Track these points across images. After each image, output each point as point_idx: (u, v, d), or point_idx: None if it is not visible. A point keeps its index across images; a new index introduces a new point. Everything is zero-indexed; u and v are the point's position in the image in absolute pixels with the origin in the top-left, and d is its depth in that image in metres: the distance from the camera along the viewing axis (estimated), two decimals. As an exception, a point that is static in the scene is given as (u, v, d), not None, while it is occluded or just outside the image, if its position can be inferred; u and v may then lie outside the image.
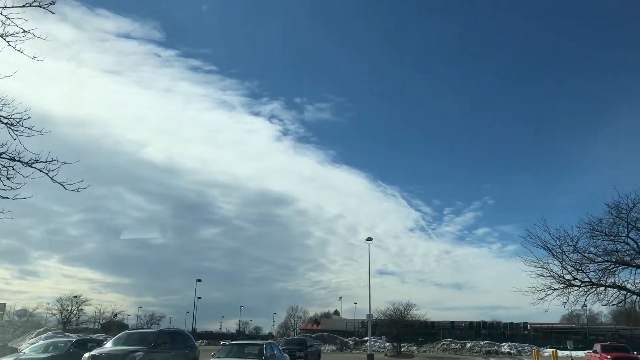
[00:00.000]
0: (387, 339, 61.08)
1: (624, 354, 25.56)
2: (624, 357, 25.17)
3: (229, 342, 16.57)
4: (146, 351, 14.27)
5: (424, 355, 56.79)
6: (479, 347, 63.01)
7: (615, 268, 18.27)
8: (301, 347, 28.84)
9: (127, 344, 15.24)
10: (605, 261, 18.41)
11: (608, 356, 25.18)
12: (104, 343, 16.78)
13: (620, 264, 18.16)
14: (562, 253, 18.74)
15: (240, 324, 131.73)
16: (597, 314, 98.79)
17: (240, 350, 15.16)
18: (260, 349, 14.81)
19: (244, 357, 14.43)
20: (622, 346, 28.48)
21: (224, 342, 25.21)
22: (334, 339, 66.14)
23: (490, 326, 78.91)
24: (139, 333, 16.05)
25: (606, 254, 18.44)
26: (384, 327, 58.93)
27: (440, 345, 65.69)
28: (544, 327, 78.42)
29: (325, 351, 62.90)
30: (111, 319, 74.36)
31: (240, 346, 15.58)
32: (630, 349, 28.34)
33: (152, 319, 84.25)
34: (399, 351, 55.84)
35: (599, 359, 26.01)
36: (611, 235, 18.21)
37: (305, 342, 29.88)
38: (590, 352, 29.12)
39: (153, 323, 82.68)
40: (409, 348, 64.67)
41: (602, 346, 26.95)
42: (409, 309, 54.77)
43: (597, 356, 26.41)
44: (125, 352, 14.04)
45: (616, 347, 27.32)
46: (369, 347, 44.13)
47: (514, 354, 60.21)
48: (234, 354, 14.77)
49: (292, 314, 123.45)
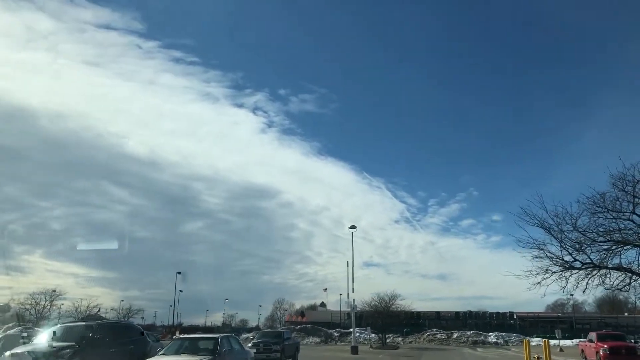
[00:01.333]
0: (373, 330, 59.09)
1: (620, 343, 23.72)
2: (621, 346, 23.32)
3: (179, 336, 14.08)
4: (77, 348, 11.87)
5: (410, 346, 54.87)
6: (465, 337, 61.26)
7: (619, 248, 16.22)
8: (277, 340, 26.56)
9: (61, 339, 12.81)
10: (607, 241, 16.33)
11: (604, 345, 23.29)
12: (34, 339, 14.27)
13: (625, 243, 16.10)
14: (561, 232, 16.68)
15: (226, 317, 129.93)
16: (582, 302, 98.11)
17: (191, 345, 12.78)
18: (215, 343, 12.47)
19: (194, 353, 12.06)
20: (619, 334, 26.65)
21: (176, 336, 23.01)
22: (318, 331, 63.99)
23: (476, 316, 77.35)
24: (72, 327, 13.60)
25: (608, 233, 16.37)
26: (369, 318, 56.91)
27: (426, 335, 63.85)
28: (530, 317, 77.15)
29: (309, 344, 60.74)
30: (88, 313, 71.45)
31: (192, 341, 13.16)
32: (627, 337, 26.51)
33: (129, 312, 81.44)
34: (384, 342, 53.82)
35: (595, 349, 24.10)
36: (614, 211, 16.14)
37: (281, 335, 27.57)
38: (585, 341, 27.26)
39: (130, 317, 79.96)
40: (394, 339, 62.74)
41: (598, 335, 25.03)
42: (394, 300, 52.76)
43: (593, 345, 24.51)
44: (49, 350, 11.60)
45: (612, 336, 25.44)
46: (353, 339, 42.04)
47: (501, 344, 58.54)
48: (184, 350, 12.39)
49: (279, 306, 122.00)
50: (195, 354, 11.89)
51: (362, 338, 61.17)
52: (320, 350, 46.07)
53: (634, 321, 73.03)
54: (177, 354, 12.13)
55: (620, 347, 23.14)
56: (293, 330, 64.94)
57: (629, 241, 16.06)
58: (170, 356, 11.88)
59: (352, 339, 41.95)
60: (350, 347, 39.80)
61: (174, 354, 12.14)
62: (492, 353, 42.35)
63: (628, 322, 72.74)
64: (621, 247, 16.13)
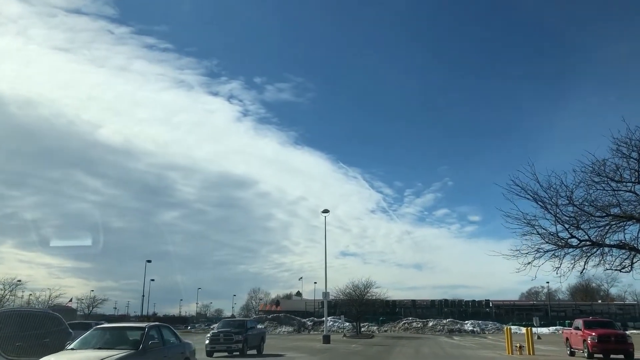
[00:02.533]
0: (347, 318, 57.08)
1: (610, 330, 21.83)
2: (610, 333, 21.44)
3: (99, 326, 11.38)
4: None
5: (385, 335, 53.01)
6: (441, 326, 59.76)
7: (620, 223, 14.12)
8: (239, 329, 24.01)
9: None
10: (607, 215, 14.20)
11: (592, 333, 21.37)
12: None
13: (628, 218, 13.99)
14: (555, 206, 14.48)
15: (201, 306, 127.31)
16: (556, 290, 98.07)
17: (112, 336, 10.09)
18: (141, 335, 9.85)
19: (113, 346, 9.44)
20: (607, 321, 24.81)
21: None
22: (291, 320, 61.71)
23: (452, 304, 76.11)
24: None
25: (607, 207, 14.26)
26: (343, 306, 54.77)
27: (402, 324, 62.20)
28: (506, 304, 76.31)
29: (282, 333, 58.41)
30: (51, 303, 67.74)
31: (113, 331, 10.45)
32: (616, 324, 24.68)
33: (94, 302, 77.76)
34: (358, 331, 51.78)
35: (582, 337, 22.18)
36: (614, 181, 13.98)
37: (244, 324, 24.99)
38: (569, 328, 25.40)
39: (95, 307, 76.39)
40: (369, 328, 60.90)
41: (585, 322, 23.07)
42: (369, 287, 50.60)
43: (579, 333, 22.59)
44: None
45: (601, 323, 23.53)
46: (325, 328, 39.77)
47: (477, 332, 57.16)
48: (102, 343, 9.75)
49: (254, 295, 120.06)
50: (113, 348, 9.26)
51: (336, 327, 59.14)
52: (291, 339, 43.70)
53: (607, 308, 72.77)
54: (91, 347, 9.48)
55: (609, 335, 21.26)
56: (265, 319, 62.62)
57: (632, 215, 13.97)
58: (79, 351, 9.22)
59: (324, 328, 39.70)
60: (322, 337, 37.57)
61: (88, 347, 9.49)
62: (469, 341, 40.60)
63: (602, 309, 72.40)
64: (623, 222, 14.03)
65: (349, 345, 35.41)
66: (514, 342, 24.96)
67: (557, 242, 14.64)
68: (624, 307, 73.78)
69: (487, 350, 28.81)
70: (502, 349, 30.04)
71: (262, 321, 62.09)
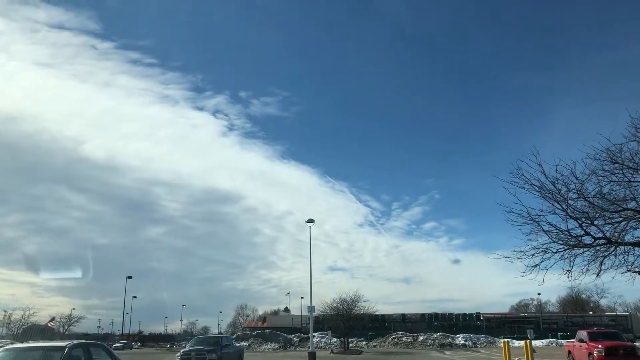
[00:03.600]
0: (334, 334, 54.46)
1: (617, 342, 19.84)
2: (619, 345, 19.46)
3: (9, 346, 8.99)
4: None
5: (374, 351, 50.50)
6: (432, 340, 57.40)
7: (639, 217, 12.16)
8: (214, 347, 21.60)
9: None
10: (623, 210, 12.27)
11: (599, 345, 19.36)
12: None
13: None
14: (565, 200, 12.47)
15: (187, 324, 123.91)
16: (545, 302, 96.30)
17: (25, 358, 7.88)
18: (60, 357, 7.58)
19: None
20: (613, 332, 22.80)
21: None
22: (277, 337, 58.92)
23: (442, 318, 73.73)
24: None
25: (623, 201, 12.32)
26: (330, 321, 52.16)
27: (392, 339, 59.71)
28: (497, 317, 74.14)
29: (267, 350, 55.66)
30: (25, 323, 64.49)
31: (22, 354, 8.15)
32: (622, 336, 22.65)
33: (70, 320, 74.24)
34: (346, 347, 49.22)
35: (587, 349, 20.14)
36: (632, 168, 12.06)
37: (219, 341, 22.57)
38: (573, 341, 23.36)
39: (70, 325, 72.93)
40: (357, 343, 58.34)
41: (590, 334, 21.02)
42: (357, 302, 48.21)
43: (584, 346, 20.55)
44: None
45: (606, 334, 21.47)
46: (310, 345, 37.23)
47: (469, 346, 54.84)
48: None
49: (241, 312, 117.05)
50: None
51: (324, 343, 56.54)
52: (275, 357, 41.10)
53: (599, 319, 70.93)
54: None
55: (617, 347, 19.28)
56: (249, 336, 59.80)
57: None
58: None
59: (310, 345, 37.15)
60: (308, 353, 35.08)
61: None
62: (462, 356, 38.34)
63: (594, 320, 70.55)
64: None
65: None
66: (512, 356, 22.83)
67: (568, 241, 12.66)
68: (616, 318, 71.92)
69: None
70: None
71: (246, 338, 59.31)
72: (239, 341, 58.00)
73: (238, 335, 61.44)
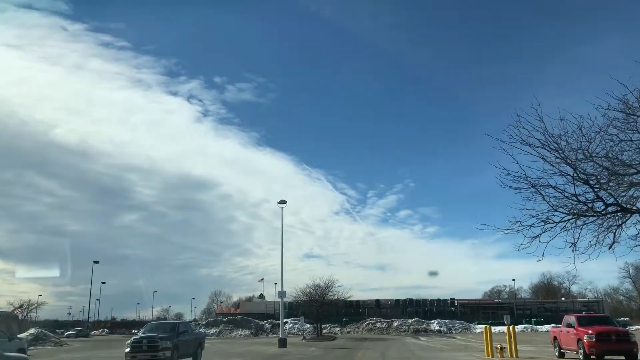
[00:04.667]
0: (308, 320, 52.58)
1: (609, 327, 18.16)
2: (611, 331, 17.78)
3: None
4: None
5: (348, 337, 48.83)
6: (406, 326, 55.98)
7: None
8: (169, 334, 19.14)
9: None
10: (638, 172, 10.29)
11: (589, 331, 17.64)
12: None
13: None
14: (575, 160, 10.36)
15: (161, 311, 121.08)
16: (518, 289, 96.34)
17: None
18: None
19: None
20: (604, 317, 21.21)
21: None
22: (248, 323, 56.72)
23: (416, 304, 72.56)
24: None
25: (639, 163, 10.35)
26: (304, 307, 50.17)
27: (366, 324, 58.15)
28: (471, 303, 73.37)
29: (238, 337, 53.44)
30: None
31: None
32: (613, 320, 21.04)
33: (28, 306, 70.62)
34: (319, 333, 47.34)
35: (576, 335, 18.42)
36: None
37: (175, 328, 20.08)
38: (558, 327, 21.65)
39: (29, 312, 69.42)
40: (331, 329, 56.59)
41: (579, 318, 19.26)
42: (331, 287, 46.24)
43: (572, 332, 18.84)
44: None
45: (596, 319, 19.78)
46: (281, 331, 35.15)
47: (444, 332, 53.58)
48: None
49: (215, 299, 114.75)
50: None
51: (296, 329, 54.58)
52: (244, 344, 38.87)
53: (572, 305, 70.76)
54: None
55: (609, 333, 17.60)
56: (220, 322, 57.39)
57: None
58: None
59: (280, 331, 35.06)
60: (278, 340, 33.01)
61: None
62: (437, 342, 36.77)
63: (567, 306, 70.36)
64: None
65: (307, 349, 30.98)
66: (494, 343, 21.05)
67: (573, 209, 10.64)
68: (588, 304, 71.83)
69: (461, 353, 24.84)
70: (475, 350, 26.26)
71: (217, 324, 56.94)
72: (209, 327, 55.61)
73: (208, 322, 59.04)
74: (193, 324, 21.67)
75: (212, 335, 53.90)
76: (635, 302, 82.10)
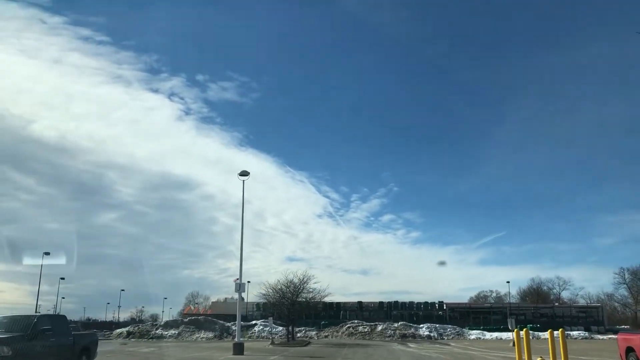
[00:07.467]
0: (279, 322, 44.63)
1: None
2: None
3: None
4: None
5: (325, 342, 40.98)
6: (392, 330, 48.31)
7: None
8: (18, 335, 11.39)
9: None
10: None
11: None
12: None
13: None
14: None
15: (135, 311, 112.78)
16: (505, 295, 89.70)
17: None
18: None
19: None
20: None
21: None
22: (213, 325, 48.58)
23: (402, 306, 64.89)
24: None
25: None
26: (272, 307, 42.28)
27: (346, 328, 50.35)
28: (461, 307, 65.90)
29: (199, 339, 45.27)
30: None
31: None
32: None
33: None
34: (292, 337, 39.53)
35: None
36: None
37: (32, 325, 12.27)
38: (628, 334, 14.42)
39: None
40: (307, 333, 48.75)
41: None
42: (306, 283, 38.56)
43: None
44: None
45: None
46: (237, 334, 27.27)
47: (435, 338, 45.98)
48: None
49: (192, 300, 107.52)
50: None
51: (266, 332, 46.60)
52: (195, 348, 30.84)
53: (569, 311, 63.86)
54: None
55: None
56: (180, 323, 49.14)
57: None
58: None
59: (237, 333, 27.17)
60: (233, 345, 25.26)
61: None
62: (430, 350, 29.21)
63: (564, 311, 63.48)
64: None
65: (267, 357, 23.30)
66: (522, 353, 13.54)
67: None
68: (587, 310, 64.88)
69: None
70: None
71: (176, 326, 48.71)
72: (167, 329, 47.51)
73: (167, 322, 50.77)
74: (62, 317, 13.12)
75: (169, 337, 45.72)
76: (631, 308, 75.45)
